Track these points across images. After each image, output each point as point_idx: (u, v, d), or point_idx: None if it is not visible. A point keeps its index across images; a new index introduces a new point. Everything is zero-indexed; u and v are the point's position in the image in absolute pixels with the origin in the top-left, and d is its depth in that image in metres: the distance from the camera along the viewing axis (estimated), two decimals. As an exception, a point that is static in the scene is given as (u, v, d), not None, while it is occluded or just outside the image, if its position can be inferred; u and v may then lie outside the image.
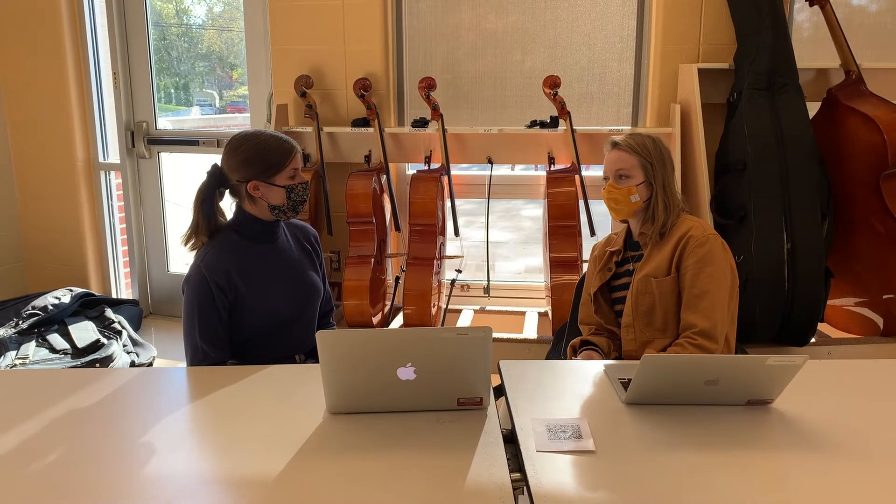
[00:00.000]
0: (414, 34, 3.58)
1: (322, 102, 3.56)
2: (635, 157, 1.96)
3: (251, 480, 1.22)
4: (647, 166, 1.96)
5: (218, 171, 1.95)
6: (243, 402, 1.54)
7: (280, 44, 3.56)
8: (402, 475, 1.24)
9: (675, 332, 1.94)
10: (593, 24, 3.44)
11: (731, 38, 3.19)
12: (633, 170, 1.96)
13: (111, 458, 1.31)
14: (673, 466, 1.27)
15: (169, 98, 4.44)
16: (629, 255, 2.06)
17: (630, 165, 1.96)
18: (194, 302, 1.87)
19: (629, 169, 1.96)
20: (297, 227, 2.13)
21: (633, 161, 1.96)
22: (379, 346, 1.41)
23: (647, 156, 1.96)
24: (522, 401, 1.52)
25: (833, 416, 1.46)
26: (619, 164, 1.97)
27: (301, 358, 2.05)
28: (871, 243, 2.86)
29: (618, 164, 1.98)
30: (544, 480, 1.22)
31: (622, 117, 3.50)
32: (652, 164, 1.96)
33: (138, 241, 4.15)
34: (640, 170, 1.96)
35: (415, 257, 3.25)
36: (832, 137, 2.94)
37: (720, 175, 3.02)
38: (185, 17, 4.42)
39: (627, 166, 1.97)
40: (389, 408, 1.46)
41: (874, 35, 3.31)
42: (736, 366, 1.44)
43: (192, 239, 1.95)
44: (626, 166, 1.97)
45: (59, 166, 4.02)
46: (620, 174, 1.97)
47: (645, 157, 1.96)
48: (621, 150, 1.98)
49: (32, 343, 3.38)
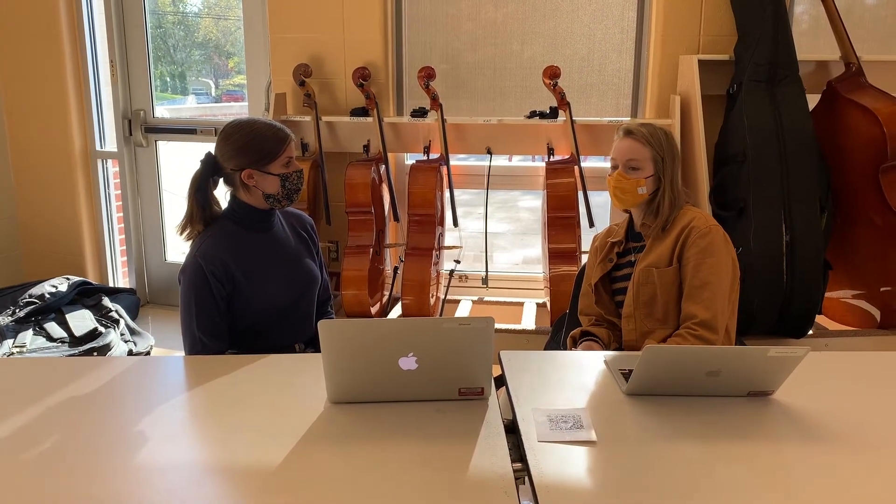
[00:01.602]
0: (413, 23, 3.56)
1: (321, 91, 3.54)
2: (648, 150, 1.93)
3: (251, 470, 1.22)
4: (659, 160, 1.94)
5: (212, 159, 1.93)
6: (243, 392, 1.54)
7: (279, 32, 3.54)
8: (403, 465, 1.24)
9: (675, 323, 1.93)
10: (593, 14, 3.43)
11: (731, 29, 3.18)
12: (644, 162, 1.94)
13: (109, 447, 1.30)
14: (673, 457, 1.27)
15: (165, 87, 4.41)
16: (631, 246, 2.06)
17: (642, 157, 1.93)
18: (191, 292, 1.86)
19: (641, 161, 1.94)
20: (292, 215, 2.12)
21: (646, 153, 1.93)
22: (381, 335, 1.41)
23: (660, 150, 1.94)
24: (524, 391, 1.52)
25: (832, 407, 1.47)
26: (631, 155, 1.94)
27: (301, 347, 2.05)
28: (869, 236, 2.87)
29: (630, 153, 1.95)
30: (546, 470, 1.22)
31: (622, 108, 3.49)
32: (663, 159, 1.94)
33: (135, 230, 4.13)
34: (650, 163, 1.94)
35: (413, 247, 3.24)
36: (832, 130, 2.93)
37: (719, 167, 3.02)
38: (182, 5, 4.39)
39: (640, 157, 1.94)
40: (391, 397, 1.46)
41: (874, 27, 3.31)
42: (737, 357, 1.45)
43: (188, 228, 1.93)
44: (639, 157, 1.94)
45: (56, 155, 3.99)
46: (631, 165, 1.94)
47: (658, 151, 1.94)
48: (635, 140, 1.94)
49: (29, 331, 3.37)
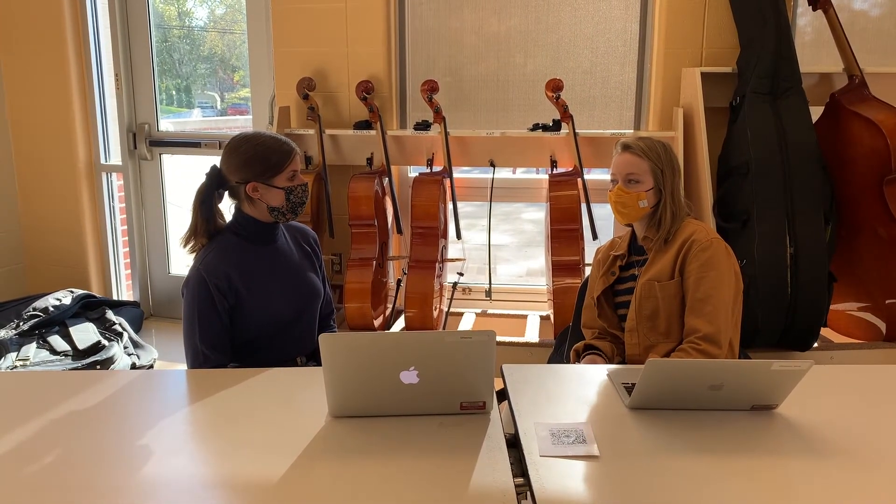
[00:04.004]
0: (416, 37, 3.58)
1: (324, 105, 3.55)
2: (647, 163, 1.94)
3: (252, 484, 1.22)
4: (658, 172, 1.94)
5: (217, 172, 1.94)
6: (244, 405, 1.53)
7: (283, 46, 3.56)
8: (404, 480, 1.23)
9: (678, 337, 1.93)
10: (596, 27, 3.44)
11: (734, 41, 3.18)
12: (643, 175, 1.94)
13: (111, 460, 1.30)
14: (677, 471, 1.26)
15: (170, 100, 4.44)
16: (633, 260, 2.05)
17: (641, 170, 1.94)
18: (194, 305, 1.86)
19: (640, 174, 1.94)
20: (296, 228, 2.12)
21: (645, 166, 1.94)
22: (382, 349, 1.40)
23: (659, 162, 1.94)
24: (526, 405, 1.51)
25: (837, 421, 1.45)
26: (630, 168, 1.95)
27: (302, 360, 2.04)
28: (873, 248, 2.86)
29: (628, 167, 1.95)
30: (548, 485, 1.21)
31: (625, 121, 3.50)
32: (662, 171, 1.94)
33: (139, 243, 4.14)
34: (650, 175, 1.94)
35: (416, 260, 3.24)
36: (835, 142, 2.93)
37: (723, 179, 3.02)
38: (188, 19, 4.43)
39: (638, 171, 1.94)
40: (392, 411, 1.45)
41: (876, 39, 3.31)
42: (740, 371, 1.44)
43: (192, 240, 1.94)
44: (637, 171, 1.94)
45: (60, 168, 4.01)
46: (630, 178, 1.94)
47: (656, 163, 1.94)
48: (633, 154, 1.95)
49: (33, 344, 3.37)
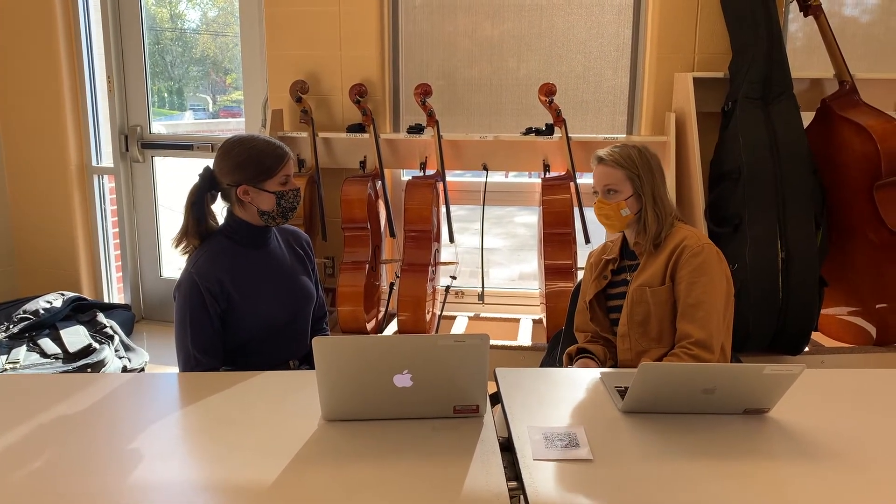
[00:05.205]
0: (410, 40, 3.58)
1: (317, 108, 3.55)
2: (621, 171, 1.96)
3: (245, 488, 1.21)
4: (635, 178, 1.96)
5: (209, 173, 1.93)
6: (237, 409, 1.53)
7: (276, 49, 3.55)
8: (397, 483, 1.23)
9: (670, 342, 1.93)
10: (588, 32, 3.45)
11: (726, 47, 3.20)
12: (620, 184, 1.96)
13: (101, 464, 1.29)
14: (670, 475, 1.26)
15: (162, 102, 4.42)
16: (625, 264, 2.06)
17: (617, 180, 1.96)
18: (186, 309, 1.86)
19: (616, 183, 1.96)
20: (288, 231, 2.11)
21: (620, 175, 1.96)
22: (375, 352, 1.40)
23: (633, 168, 1.96)
24: (519, 408, 1.51)
25: (828, 425, 1.46)
26: (606, 180, 1.98)
27: (295, 364, 2.04)
28: (864, 252, 2.88)
29: (605, 179, 1.98)
30: (541, 489, 1.21)
31: (617, 125, 3.51)
32: (639, 176, 1.96)
33: (131, 246, 4.12)
34: (627, 183, 1.96)
35: (409, 263, 3.24)
36: (826, 147, 2.95)
37: (715, 184, 3.03)
38: (180, 21, 4.42)
39: (614, 181, 1.97)
40: (385, 415, 1.45)
41: (866, 45, 3.34)
42: (733, 375, 1.44)
43: (183, 241, 1.93)
44: (613, 181, 1.97)
45: (52, 170, 3.99)
46: (608, 189, 1.97)
47: (631, 170, 1.96)
48: (606, 165, 1.98)
49: (23, 347, 3.35)
